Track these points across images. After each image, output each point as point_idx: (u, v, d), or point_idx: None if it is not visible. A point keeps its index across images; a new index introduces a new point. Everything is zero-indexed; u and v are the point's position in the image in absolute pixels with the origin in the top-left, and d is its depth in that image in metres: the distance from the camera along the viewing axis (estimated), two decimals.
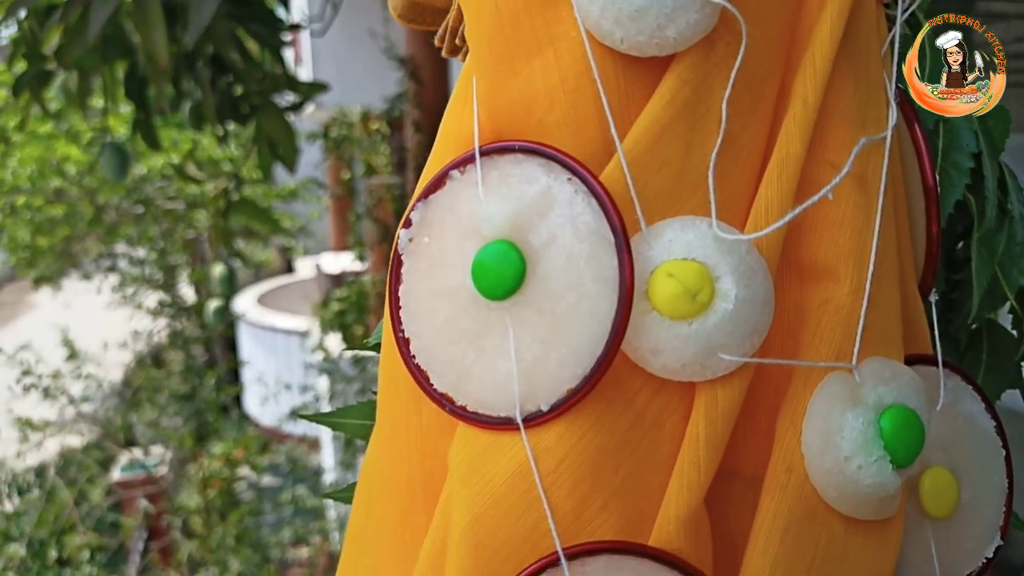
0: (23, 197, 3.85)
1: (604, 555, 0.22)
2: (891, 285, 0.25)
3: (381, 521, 0.28)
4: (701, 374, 0.22)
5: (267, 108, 1.17)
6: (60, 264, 4.38)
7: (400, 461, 0.27)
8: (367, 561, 0.29)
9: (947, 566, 0.28)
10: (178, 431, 3.28)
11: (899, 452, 0.23)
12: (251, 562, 2.59)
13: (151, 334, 3.84)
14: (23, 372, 3.24)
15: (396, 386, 0.27)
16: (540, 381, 0.23)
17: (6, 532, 2.63)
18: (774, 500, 0.23)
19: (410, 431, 0.26)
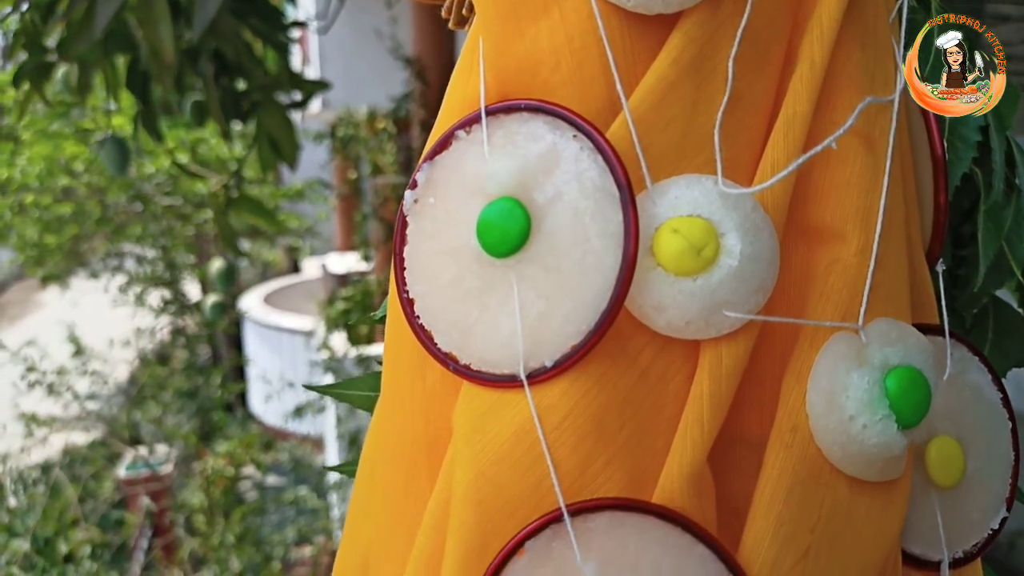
0: (31, 195, 3.87)
1: (607, 512, 0.22)
2: (898, 247, 0.25)
3: (384, 488, 0.28)
4: (705, 332, 0.22)
5: (268, 105, 1.17)
6: (68, 263, 4.40)
7: (404, 427, 0.27)
8: (370, 530, 0.28)
9: (953, 535, 0.27)
10: (182, 428, 3.28)
11: (905, 412, 0.23)
12: (253, 561, 2.59)
13: (154, 331, 3.85)
14: (27, 368, 3.25)
15: (400, 350, 0.27)
16: (544, 337, 0.22)
17: (10, 528, 2.64)
18: (778, 460, 0.23)
19: (414, 395, 0.26)
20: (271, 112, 1.17)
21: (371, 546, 0.28)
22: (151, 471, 3.18)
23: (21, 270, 5.50)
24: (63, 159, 3.81)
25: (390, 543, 0.27)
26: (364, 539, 0.29)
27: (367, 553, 0.28)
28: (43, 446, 3.14)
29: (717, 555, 0.22)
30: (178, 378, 3.54)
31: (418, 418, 0.26)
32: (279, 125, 1.18)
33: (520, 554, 0.22)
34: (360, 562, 0.29)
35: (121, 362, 3.79)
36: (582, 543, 0.22)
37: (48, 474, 3.02)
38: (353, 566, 0.29)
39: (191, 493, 2.87)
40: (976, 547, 0.28)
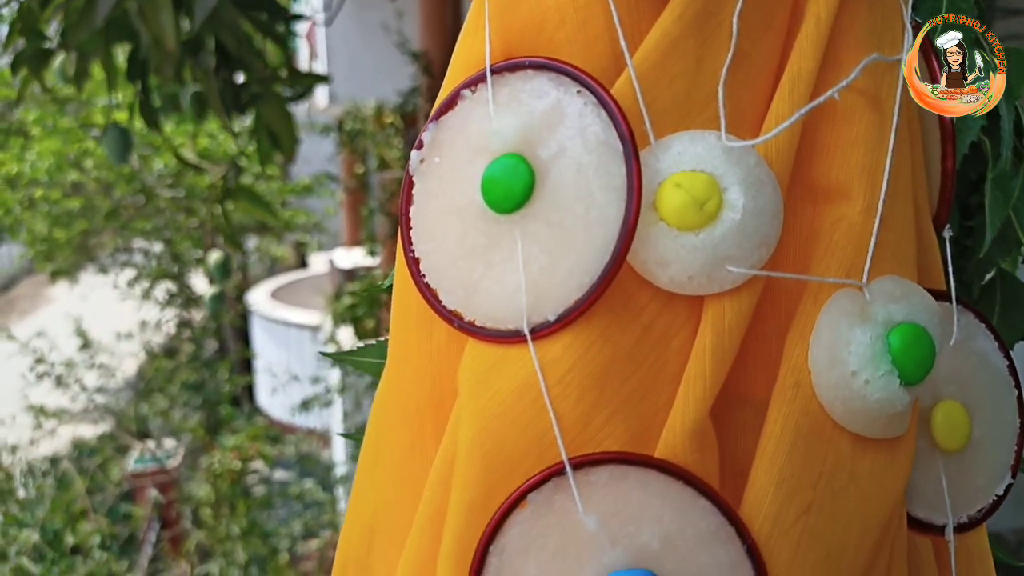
0: (40, 190, 3.89)
1: (610, 465, 0.22)
2: (904, 207, 0.25)
3: (391, 451, 0.28)
4: (708, 287, 0.22)
5: (267, 98, 1.18)
6: (76, 258, 4.42)
7: (410, 387, 0.27)
8: (376, 494, 0.29)
9: (957, 499, 0.27)
10: (189, 421, 3.30)
11: (908, 368, 0.23)
12: (259, 553, 2.60)
13: (159, 324, 3.87)
14: (36, 360, 3.27)
15: (407, 311, 0.27)
16: (548, 291, 0.23)
17: (19, 519, 2.66)
18: (780, 415, 0.23)
19: (420, 355, 0.26)
20: (270, 104, 1.18)
21: (377, 510, 0.28)
22: (159, 464, 3.20)
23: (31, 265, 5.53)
24: (72, 154, 3.83)
25: (396, 504, 0.27)
26: (370, 504, 0.29)
27: (373, 518, 0.29)
28: (52, 438, 3.16)
29: (719, 509, 0.22)
30: (184, 371, 3.55)
31: (424, 378, 0.26)
32: (278, 118, 1.18)
33: (523, 506, 0.22)
34: (366, 527, 0.29)
35: (129, 356, 3.81)
36: (584, 496, 0.22)
37: (56, 467, 3.04)
38: (360, 532, 0.29)
39: (198, 486, 2.88)
40: (981, 512, 0.28)
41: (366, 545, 0.29)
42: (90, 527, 2.74)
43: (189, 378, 3.52)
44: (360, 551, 0.29)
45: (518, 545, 0.22)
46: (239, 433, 3.11)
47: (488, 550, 0.22)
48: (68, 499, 2.83)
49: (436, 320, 0.25)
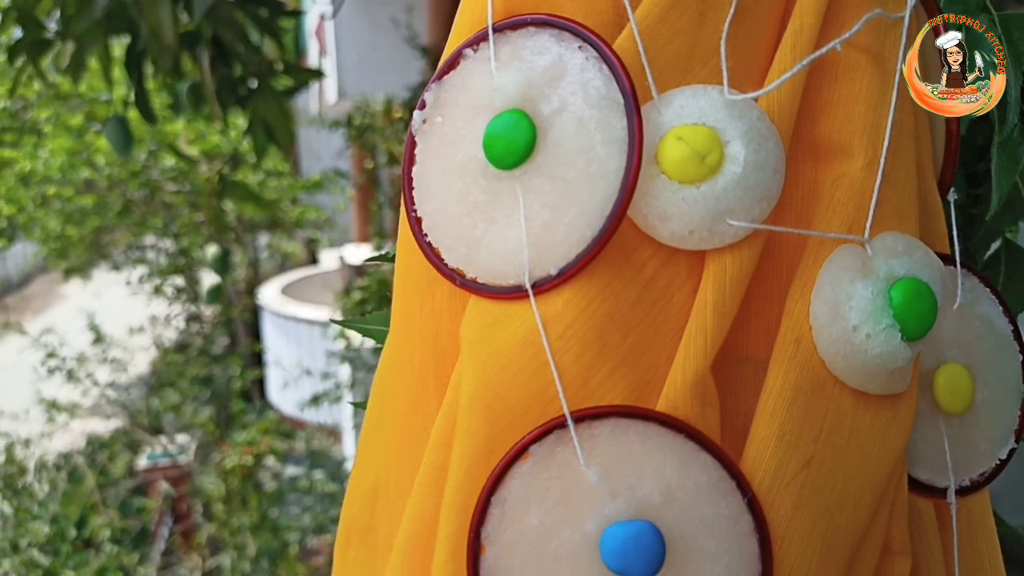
0: (53, 187, 3.92)
1: (611, 418, 0.22)
2: (907, 165, 0.25)
3: (394, 413, 0.28)
4: (709, 241, 0.22)
5: (263, 91, 1.18)
6: (89, 255, 4.45)
7: (413, 347, 0.27)
8: (379, 459, 0.29)
9: (960, 462, 0.27)
10: (200, 415, 3.32)
11: (909, 323, 0.23)
12: (270, 546, 2.62)
13: (168, 318, 3.89)
14: (47, 355, 3.30)
15: (409, 273, 0.27)
16: (549, 246, 0.23)
17: (31, 511, 2.68)
18: (781, 371, 0.23)
19: (423, 315, 0.26)
20: (266, 99, 1.18)
21: (380, 474, 0.29)
22: (171, 460, 3.22)
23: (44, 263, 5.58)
24: (84, 152, 3.85)
25: (399, 465, 0.27)
26: (374, 469, 0.29)
27: (376, 482, 0.29)
28: (65, 433, 3.19)
29: (720, 462, 0.22)
30: (194, 365, 3.57)
31: (427, 337, 0.26)
32: (274, 111, 1.19)
33: (525, 458, 0.22)
34: (370, 491, 0.29)
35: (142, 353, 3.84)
36: (586, 449, 0.22)
37: (69, 461, 3.07)
38: (363, 496, 0.29)
39: (209, 480, 2.90)
40: (983, 476, 0.28)
41: (369, 509, 0.29)
42: (102, 521, 2.77)
43: (199, 372, 3.54)
44: (364, 515, 0.29)
45: (520, 496, 0.22)
46: (250, 428, 3.12)
47: (490, 501, 0.22)
48: (80, 493, 2.86)
49: (438, 280, 0.25)
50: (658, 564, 0.21)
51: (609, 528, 0.21)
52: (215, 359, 3.61)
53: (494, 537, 0.22)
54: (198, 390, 3.48)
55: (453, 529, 0.22)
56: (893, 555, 0.25)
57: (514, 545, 0.21)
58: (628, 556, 0.20)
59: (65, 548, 2.73)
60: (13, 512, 2.70)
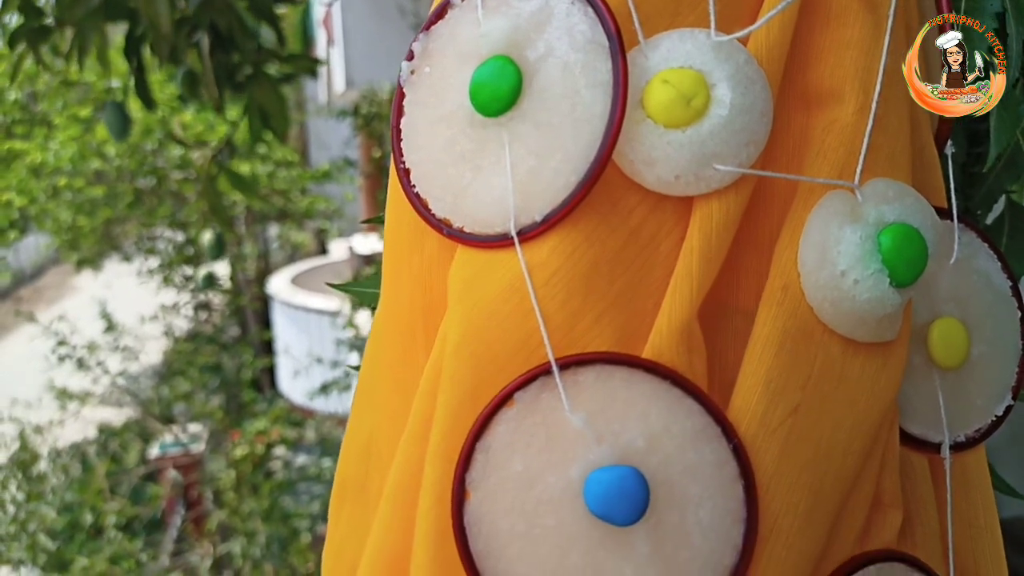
0: (64, 178, 3.94)
1: (596, 365, 0.22)
2: (900, 112, 0.24)
3: (385, 369, 0.28)
4: (696, 186, 0.22)
5: (259, 78, 1.18)
6: (101, 247, 4.48)
7: (402, 302, 0.27)
8: (373, 416, 0.29)
9: (954, 418, 0.27)
10: (210, 404, 3.34)
11: (898, 268, 0.22)
12: (280, 534, 2.64)
13: (176, 306, 3.91)
14: (58, 343, 3.33)
15: (399, 227, 0.27)
16: (535, 192, 0.22)
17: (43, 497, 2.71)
18: (768, 317, 0.23)
19: (412, 269, 0.26)
20: (262, 85, 1.18)
21: (373, 431, 0.29)
22: (184, 449, 3.25)
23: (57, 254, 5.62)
24: (94, 143, 3.87)
25: (390, 419, 0.27)
26: (367, 426, 0.29)
27: (369, 439, 0.29)
28: (77, 421, 3.22)
29: (705, 408, 0.22)
30: (204, 353, 3.59)
31: (416, 290, 0.26)
32: (270, 98, 1.19)
33: (510, 405, 0.22)
34: (363, 449, 0.29)
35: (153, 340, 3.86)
36: (571, 395, 0.22)
37: (82, 451, 3.10)
38: (357, 454, 0.29)
39: (220, 467, 2.92)
40: (979, 432, 0.28)
41: (363, 467, 0.29)
42: (113, 507, 2.80)
43: (208, 360, 3.57)
44: (358, 473, 0.29)
45: (504, 442, 0.22)
46: (261, 417, 3.14)
47: (475, 447, 0.22)
48: (93, 482, 2.89)
49: (427, 231, 0.25)
50: (642, 509, 0.21)
51: (593, 473, 0.21)
52: (224, 347, 3.63)
53: (478, 483, 0.22)
54: (208, 378, 3.50)
55: (438, 476, 0.22)
56: (884, 507, 0.25)
57: (498, 491, 0.21)
58: (611, 501, 0.20)
59: (80, 537, 2.76)
60: (25, 498, 2.73)
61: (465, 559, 0.21)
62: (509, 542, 0.21)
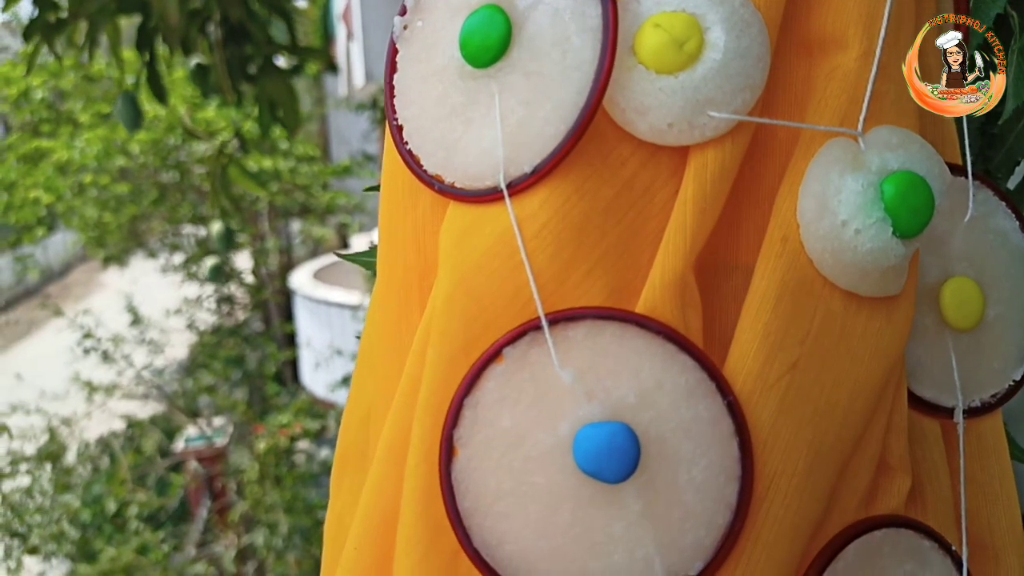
0: (90, 176, 4.00)
1: (587, 320, 0.21)
2: None
3: (382, 330, 0.27)
4: (690, 135, 0.21)
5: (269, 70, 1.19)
6: (127, 243, 4.54)
7: (397, 264, 0.26)
8: (372, 382, 0.28)
9: (968, 381, 0.26)
10: (233, 396, 3.37)
11: (902, 217, 0.21)
12: (302, 525, 2.65)
13: (199, 299, 3.95)
14: (84, 335, 3.38)
15: (394, 186, 0.26)
16: (525, 143, 0.22)
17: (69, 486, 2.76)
18: (767, 270, 0.22)
19: (406, 228, 0.26)
20: (272, 77, 1.18)
21: (373, 397, 0.28)
22: (209, 443, 3.28)
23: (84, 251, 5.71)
24: (119, 141, 3.92)
25: (386, 382, 0.26)
26: (368, 393, 0.29)
27: (369, 405, 0.28)
28: (103, 414, 3.27)
29: (699, 364, 0.21)
30: (228, 345, 3.63)
31: (410, 249, 0.25)
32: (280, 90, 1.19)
33: (499, 361, 0.21)
34: (363, 417, 0.29)
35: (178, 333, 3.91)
36: (561, 351, 0.21)
37: (109, 445, 3.14)
38: (359, 420, 0.29)
39: (244, 458, 2.95)
40: (995, 398, 0.27)
41: (364, 435, 0.29)
42: (140, 500, 2.84)
43: (231, 353, 3.60)
44: (359, 441, 0.29)
45: (493, 398, 0.21)
46: (283, 409, 3.17)
47: (463, 403, 0.21)
48: (118, 473, 2.93)
49: (421, 190, 0.25)
50: (632, 466, 0.20)
51: (582, 430, 0.20)
52: (247, 340, 3.67)
53: (466, 439, 0.21)
54: (231, 371, 3.53)
55: (426, 433, 0.22)
56: (892, 472, 0.24)
57: (486, 447, 0.21)
58: (601, 458, 0.20)
59: (108, 528, 2.80)
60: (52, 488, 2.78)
61: (452, 517, 0.21)
62: (497, 499, 0.21)
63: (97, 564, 2.66)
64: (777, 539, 0.21)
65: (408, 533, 0.22)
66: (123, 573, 2.65)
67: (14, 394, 3.16)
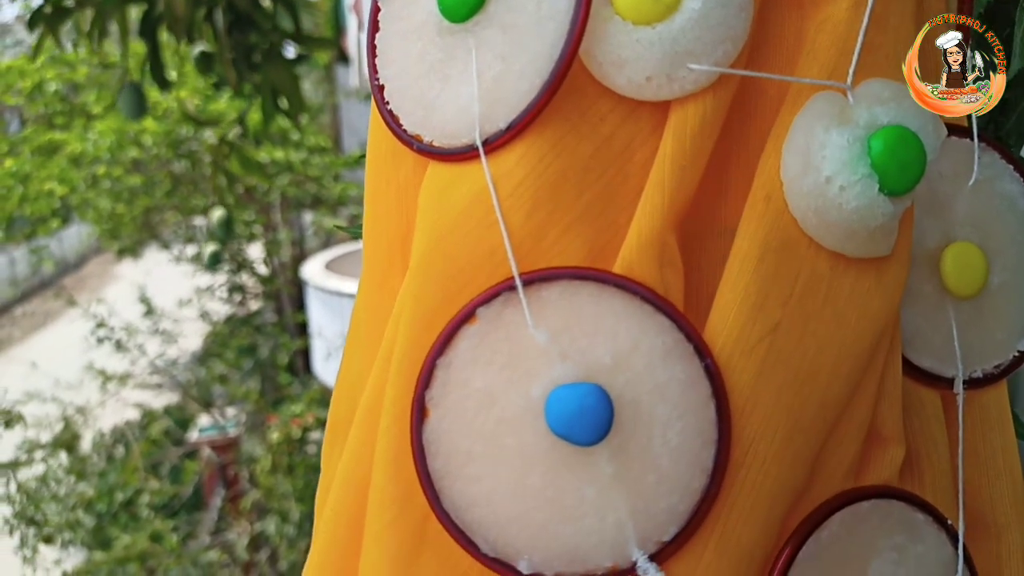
0: (103, 167, 4.02)
1: (563, 281, 0.21)
2: (904, 9, 0.23)
3: (368, 298, 0.27)
4: (669, 88, 0.21)
5: (274, 59, 1.18)
6: (141, 235, 4.57)
7: (380, 228, 0.26)
8: (360, 352, 0.28)
9: (970, 351, 0.25)
10: (246, 385, 3.39)
11: (889, 173, 0.20)
12: (313, 513, 2.66)
13: (211, 288, 3.97)
14: (97, 324, 3.41)
15: (378, 148, 0.26)
16: (500, 98, 0.21)
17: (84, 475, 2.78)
18: (749, 230, 0.21)
19: (389, 192, 0.25)
20: (276, 66, 1.18)
21: (360, 364, 0.28)
22: (222, 433, 3.31)
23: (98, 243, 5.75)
24: (132, 132, 3.94)
25: (367, 347, 0.26)
26: (356, 364, 0.28)
27: (359, 377, 0.28)
28: (116, 403, 3.30)
29: (677, 325, 0.20)
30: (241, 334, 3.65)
31: (392, 213, 0.25)
32: (284, 79, 1.19)
33: (472, 321, 0.21)
34: (352, 385, 0.28)
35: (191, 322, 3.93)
36: (535, 311, 0.20)
37: (124, 434, 3.17)
38: (348, 393, 0.28)
39: (254, 447, 2.97)
40: (999, 369, 0.26)
41: (353, 403, 0.28)
42: (153, 488, 2.86)
43: (243, 343, 3.62)
44: (348, 411, 0.28)
45: (466, 359, 0.21)
46: (296, 399, 3.18)
47: (436, 364, 0.21)
48: (131, 462, 2.96)
49: (403, 152, 0.24)
50: (604, 429, 0.19)
51: (555, 391, 0.20)
52: (259, 329, 3.69)
53: (438, 400, 0.21)
54: (243, 360, 3.55)
55: (398, 394, 0.21)
56: (884, 442, 0.24)
57: (458, 409, 0.20)
58: (572, 420, 0.19)
59: (123, 516, 2.83)
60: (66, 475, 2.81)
61: (423, 478, 0.20)
62: (468, 462, 0.20)
63: (112, 551, 2.69)
64: (755, 506, 0.20)
65: (379, 497, 0.21)
66: (137, 560, 2.68)
67: (29, 383, 3.20)
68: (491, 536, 0.20)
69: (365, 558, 0.22)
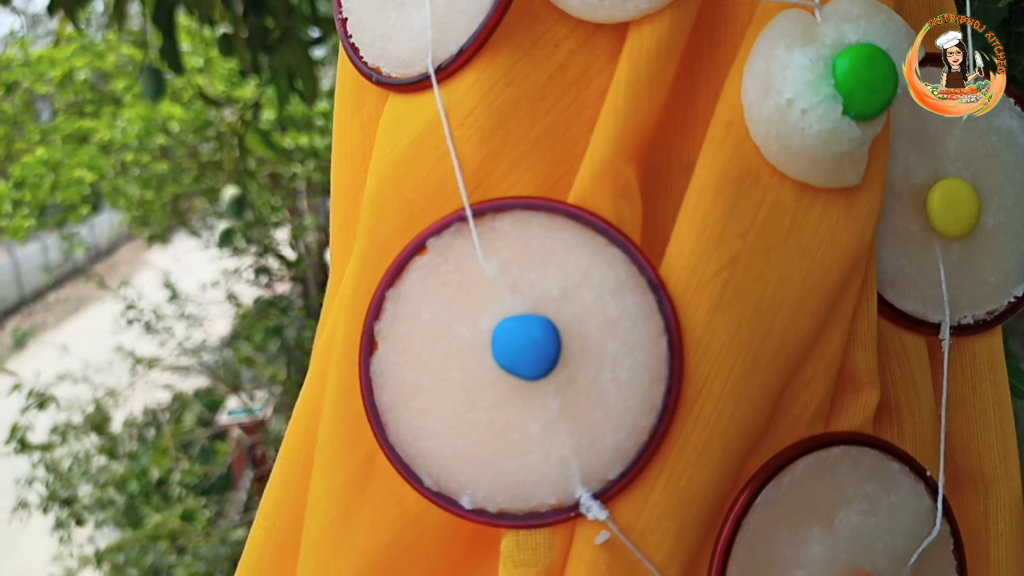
0: (132, 154, 4.07)
1: (514, 211, 0.20)
2: None
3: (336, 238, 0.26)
4: (623, 8, 0.20)
5: (289, 41, 1.18)
6: (170, 222, 4.63)
7: (345, 166, 0.25)
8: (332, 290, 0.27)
9: (960, 295, 0.24)
10: (272, 367, 3.43)
11: (857, 95, 0.19)
12: None
13: (237, 271, 4.01)
14: (127, 306, 3.47)
15: (344, 86, 0.25)
16: (451, 22, 0.21)
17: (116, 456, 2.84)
18: (708, 158, 0.20)
19: (352, 130, 0.25)
20: (292, 47, 1.18)
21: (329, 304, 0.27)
22: (251, 416, 3.35)
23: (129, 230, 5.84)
24: (159, 119, 3.98)
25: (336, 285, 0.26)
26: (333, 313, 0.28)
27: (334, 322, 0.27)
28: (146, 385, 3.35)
29: (630, 257, 0.20)
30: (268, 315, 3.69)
31: (356, 149, 0.24)
32: (299, 61, 1.18)
33: (423, 253, 0.20)
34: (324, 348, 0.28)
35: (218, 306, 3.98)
36: (486, 243, 0.20)
37: (155, 416, 3.23)
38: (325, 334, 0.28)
39: (281, 427, 3.01)
40: (992, 316, 0.25)
41: None
42: (184, 468, 2.91)
43: (269, 324, 3.67)
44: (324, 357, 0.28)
45: (415, 291, 0.20)
46: None
47: (385, 296, 0.20)
48: (163, 445, 3.01)
49: (367, 89, 0.24)
50: (550, 363, 0.19)
51: (501, 323, 0.19)
52: (284, 311, 3.73)
53: (387, 332, 0.20)
54: (270, 341, 3.60)
55: (349, 328, 0.21)
56: (858, 385, 0.23)
57: (406, 341, 0.20)
58: (517, 352, 0.19)
59: (155, 497, 2.89)
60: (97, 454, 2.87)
61: (369, 411, 0.20)
62: (414, 395, 0.20)
63: (143, 529, 2.75)
64: (708, 446, 0.19)
65: (327, 430, 0.21)
66: (168, 538, 2.73)
67: (62, 367, 3.27)
68: (435, 471, 0.19)
69: (313, 488, 0.21)
